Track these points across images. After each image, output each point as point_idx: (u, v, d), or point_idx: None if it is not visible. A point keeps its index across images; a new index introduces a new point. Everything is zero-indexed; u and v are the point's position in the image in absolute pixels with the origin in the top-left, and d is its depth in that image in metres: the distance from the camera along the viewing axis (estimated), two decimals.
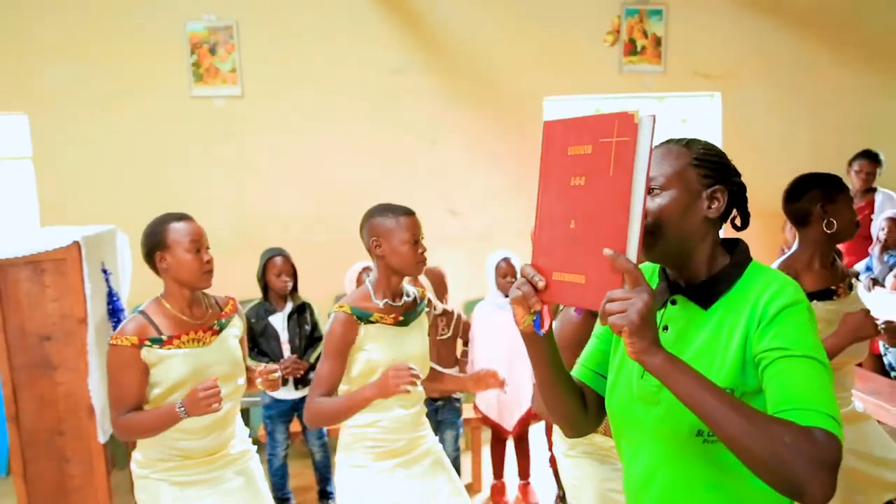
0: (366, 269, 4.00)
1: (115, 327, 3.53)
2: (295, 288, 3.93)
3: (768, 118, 5.39)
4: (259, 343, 3.83)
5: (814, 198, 2.41)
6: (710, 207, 1.31)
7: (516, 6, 5.11)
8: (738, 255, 1.34)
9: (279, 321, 3.86)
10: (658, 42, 5.13)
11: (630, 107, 7.40)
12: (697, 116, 5.91)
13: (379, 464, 2.38)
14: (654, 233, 1.29)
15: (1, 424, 4.20)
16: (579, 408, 1.47)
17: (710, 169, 1.32)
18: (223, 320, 2.44)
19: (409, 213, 2.37)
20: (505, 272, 3.93)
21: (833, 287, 2.42)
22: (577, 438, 1.62)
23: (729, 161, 1.37)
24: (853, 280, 2.56)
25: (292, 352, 3.84)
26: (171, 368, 2.26)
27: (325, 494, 3.95)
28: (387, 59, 5.13)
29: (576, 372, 1.54)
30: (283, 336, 3.85)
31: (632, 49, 5.12)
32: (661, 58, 5.15)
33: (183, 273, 2.29)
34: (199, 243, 2.31)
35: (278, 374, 2.46)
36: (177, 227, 2.29)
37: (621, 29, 5.10)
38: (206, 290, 2.46)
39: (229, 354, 2.42)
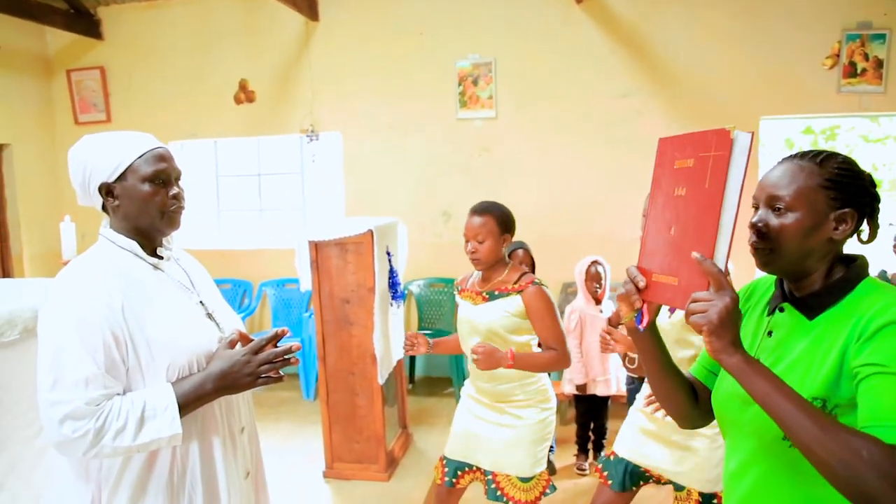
0: (594, 263, 4.05)
1: (393, 297, 3.86)
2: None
3: None
4: None
5: None
6: (836, 229, 1.16)
7: (739, 36, 4.80)
8: (852, 270, 1.18)
9: None
10: (880, 64, 4.52)
11: (844, 125, 6.56)
12: None
13: None
14: (773, 250, 1.20)
15: (313, 361, 4.90)
16: (689, 401, 1.38)
17: (841, 191, 1.15)
18: (497, 293, 2.44)
19: None
20: None
21: None
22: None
23: (865, 179, 1.19)
24: None
25: None
26: (459, 309, 2.59)
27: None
28: (617, 85, 5.06)
29: (693, 369, 1.46)
30: None
31: (851, 71, 4.57)
32: (882, 79, 4.54)
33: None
34: (467, 236, 2.46)
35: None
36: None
37: (841, 53, 4.58)
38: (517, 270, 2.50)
39: (486, 320, 2.44)
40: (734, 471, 1.28)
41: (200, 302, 1.59)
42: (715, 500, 2.33)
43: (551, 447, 3.99)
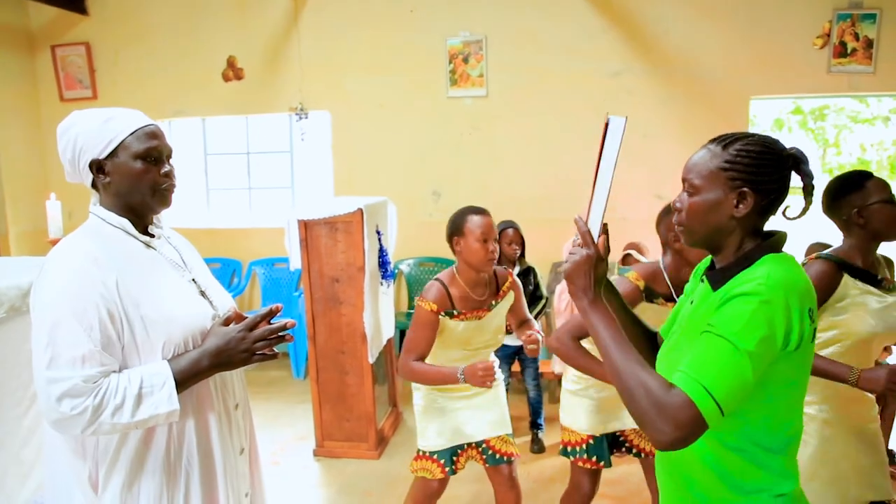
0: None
1: (383, 276, 3.88)
2: (522, 254, 4.02)
3: None
4: None
5: (848, 203, 1.99)
6: (737, 207, 1.24)
7: (731, 16, 4.78)
8: (760, 246, 1.26)
9: None
10: (870, 44, 4.54)
11: (833, 105, 6.57)
12: None
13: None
14: (685, 226, 1.31)
15: (303, 340, 4.89)
16: (650, 355, 1.46)
17: (739, 171, 1.23)
18: (498, 301, 2.46)
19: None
20: None
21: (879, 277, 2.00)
22: None
23: (771, 159, 1.24)
24: None
25: None
26: (452, 332, 2.43)
27: (535, 424, 4.05)
28: (609, 63, 5.03)
29: (661, 328, 1.55)
30: None
31: (841, 51, 4.58)
32: (872, 59, 4.55)
33: (472, 258, 2.37)
34: (487, 235, 2.34)
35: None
36: (473, 220, 2.36)
37: (832, 32, 4.58)
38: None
39: (494, 325, 2.49)
40: None
41: (193, 280, 1.59)
42: None
43: (540, 425, 4.06)
